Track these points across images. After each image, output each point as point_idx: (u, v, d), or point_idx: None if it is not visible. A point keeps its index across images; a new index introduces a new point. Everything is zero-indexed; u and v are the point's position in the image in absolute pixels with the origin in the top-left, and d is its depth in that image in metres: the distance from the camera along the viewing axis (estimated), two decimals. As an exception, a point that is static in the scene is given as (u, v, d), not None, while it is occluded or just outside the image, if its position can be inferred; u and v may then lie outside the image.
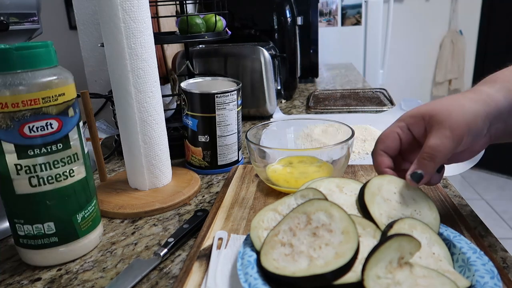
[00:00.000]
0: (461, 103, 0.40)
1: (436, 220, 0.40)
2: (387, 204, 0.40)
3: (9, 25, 0.54)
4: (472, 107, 0.40)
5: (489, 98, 0.41)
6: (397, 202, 0.41)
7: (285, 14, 1.18)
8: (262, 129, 0.63)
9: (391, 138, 0.44)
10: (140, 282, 0.42)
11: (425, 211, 0.41)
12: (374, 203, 0.40)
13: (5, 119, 0.39)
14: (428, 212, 0.40)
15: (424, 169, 0.40)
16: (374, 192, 0.41)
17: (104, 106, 1.05)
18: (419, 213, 0.40)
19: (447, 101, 0.41)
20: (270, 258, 0.35)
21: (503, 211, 2.54)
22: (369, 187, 0.41)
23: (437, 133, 0.40)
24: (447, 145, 0.39)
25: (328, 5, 2.11)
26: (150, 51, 0.56)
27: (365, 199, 0.40)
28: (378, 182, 0.42)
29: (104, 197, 0.59)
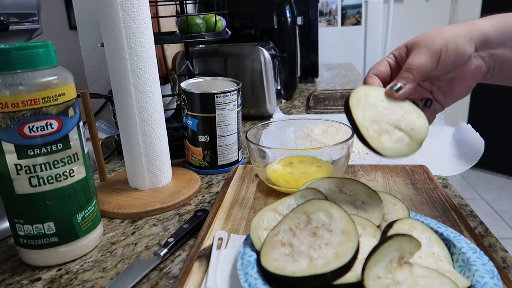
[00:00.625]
0: (442, 29, 0.42)
1: (425, 127, 0.39)
2: (372, 109, 0.40)
3: (9, 25, 0.54)
4: (452, 30, 0.42)
5: (473, 24, 0.42)
6: (384, 108, 0.41)
7: (285, 14, 1.18)
8: (262, 129, 0.63)
9: (381, 64, 0.46)
10: (140, 282, 0.42)
11: (413, 116, 0.40)
12: (359, 107, 0.39)
13: (5, 119, 0.39)
14: (415, 118, 0.40)
15: (402, 81, 0.42)
16: (360, 97, 0.40)
17: (104, 106, 1.05)
18: (407, 118, 0.40)
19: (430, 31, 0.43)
20: (270, 258, 0.35)
21: (503, 211, 2.54)
22: (355, 92, 0.40)
23: (415, 52, 0.42)
24: (424, 60, 0.41)
25: (328, 5, 2.11)
26: (150, 51, 0.56)
27: (350, 102, 0.39)
28: (365, 89, 0.41)
29: (104, 197, 0.59)
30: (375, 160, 0.71)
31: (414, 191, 0.55)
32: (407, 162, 0.67)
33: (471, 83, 0.46)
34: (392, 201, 0.43)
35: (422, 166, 0.63)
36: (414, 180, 0.59)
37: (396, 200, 0.43)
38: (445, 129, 0.82)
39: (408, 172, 0.61)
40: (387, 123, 0.39)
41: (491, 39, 0.42)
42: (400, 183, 0.58)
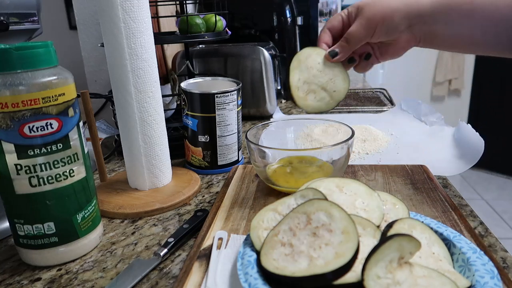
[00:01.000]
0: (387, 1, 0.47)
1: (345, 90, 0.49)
2: (308, 71, 0.48)
3: (9, 25, 0.54)
4: (394, 4, 0.47)
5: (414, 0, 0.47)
6: (318, 71, 0.49)
7: (285, 14, 1.18)
8: (262, 129, 0.63)
9: (336, 19, 0.51)
10: (140, 282, 0.42)
11: (339, 80, 0.49)
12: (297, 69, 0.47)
13: (5, 119, 0.39)
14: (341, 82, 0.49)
15: (340, 48, 0.49)
16: (301, 59, 0.48)
17: (104, 106, 1.05)
18: (334, 81, 0.49)
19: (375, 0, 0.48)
20: (270, 258, 0.35)
21: (503, 211, 2.54)
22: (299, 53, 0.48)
23: (356, 21, 0.48)
24: (360, 31, 0.48)
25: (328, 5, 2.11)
26: (150, 51, 0.56)
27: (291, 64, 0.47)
28: (309, 51, 0.49)
29: (104, 197, 0.59)
30: (375, 160, 0.71)
31: (414, 191, 0.55)
32: (407, 162, 0.67)
33: (402, 51, 0.54)
34: (392, 201, 0.43)
35: (422, 166, 0.63)
36: (414, 180, 0.59)
37: (396, 200, 0.43)
38: (445, 129, 0.82)
39: (408, 172, 0.61)
40: (317, 84, 0.48)
41: (425, 16, 0.46)
42: (400, 183, 0.58)
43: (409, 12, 0.47)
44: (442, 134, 0.80)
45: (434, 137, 0.79)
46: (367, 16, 0.48)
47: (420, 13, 0.47)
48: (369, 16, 0.48)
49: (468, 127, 0.74)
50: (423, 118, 0.91)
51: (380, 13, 0.48)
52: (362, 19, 0.48)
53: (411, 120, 0.92)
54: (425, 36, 0.49)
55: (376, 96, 1.23)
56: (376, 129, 0.84)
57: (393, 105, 1.11)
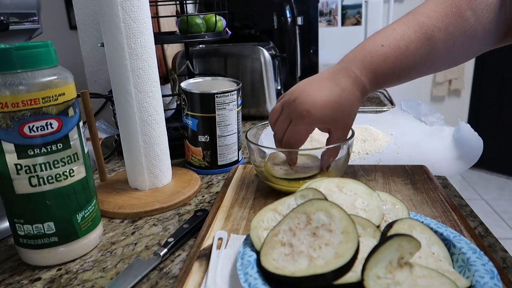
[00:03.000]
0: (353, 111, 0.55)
1: None
2: None
3: (9, 25, 0.54)
4: (357, 110, 0.55)
5: (363, 88, 0.54)
6: None
7: (285, 14, 1.18)
8: (262, 129, 0.63)
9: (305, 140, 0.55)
10: (140, 282, 0.42)
11: None
12: None
13: (5, 119, 0.39)
14: None
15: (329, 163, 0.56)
16: None
17: (104, 106, 1.05)
18: None
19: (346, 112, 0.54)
20: (270, 258, 0.35)
21: (503, 211, 2.54)
22: None
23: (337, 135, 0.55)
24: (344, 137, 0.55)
25: (328, 5, 2.11)
26: (150, 51, 0.56)
27: None
28: None
29: (104, 197, 0.59)
30: (375, 160, 0.71)
31: (414, 191, 0.55)
32: (407, 162, 0.67)
33: None
34: (392, 201, 0.43)
35: (422, 166, 0.63)
36: (414, 180, 0.59)
37: (396, 200, 0.43)
38: (445, 129, 0.82)
39: (408, 172, 0.61)
40: None
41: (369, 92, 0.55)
42: (400, 183, 0.58)
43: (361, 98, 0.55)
44: (442, 134, 0.80)
45: (434, 137, 0.79)
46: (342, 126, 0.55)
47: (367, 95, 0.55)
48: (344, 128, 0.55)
49: (468, 127, 0.74)
50: (423, 118, 0.91)
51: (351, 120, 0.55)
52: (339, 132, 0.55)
53: (411, 120, 0.92)
54: None
55: (376, 96, 1.23)
56: (376, 129, 0.84)
57: (393, 105, 1.11)
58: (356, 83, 0.53)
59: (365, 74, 0.53)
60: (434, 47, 0.52)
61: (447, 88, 3.21)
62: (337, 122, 0.54)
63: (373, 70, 0.53)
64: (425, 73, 0.57)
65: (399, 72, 0.54)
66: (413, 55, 0.52)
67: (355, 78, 0.53)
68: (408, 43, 0.52)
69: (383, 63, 0.53)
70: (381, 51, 0.53)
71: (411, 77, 0.56)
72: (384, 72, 0.53)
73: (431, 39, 0.51)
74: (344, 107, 0.53)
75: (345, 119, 0.54)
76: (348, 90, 0.53)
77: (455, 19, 0.51)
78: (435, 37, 0.51)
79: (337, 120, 0.53)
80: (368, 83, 0.54)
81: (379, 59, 0.53)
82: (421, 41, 0.52)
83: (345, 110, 0.53)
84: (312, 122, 0.53)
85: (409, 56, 0.52)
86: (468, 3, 0.51)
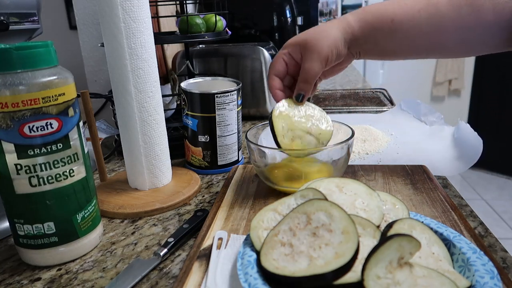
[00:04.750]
0: (327, 32, 0.52)
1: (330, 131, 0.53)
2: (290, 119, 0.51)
3: (9, 25, 0.54)
4: (334, 34, 0.52)
5: (348, 26, 0.53)
6: (299, 117, 0.52)
7: (285, 14, 1.18)
8: (262, 129, 0.63)
9: (278, 63, 0.54)
10: (140, 282, 0.42)
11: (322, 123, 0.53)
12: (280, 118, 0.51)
13: (5, 119, 0.39)
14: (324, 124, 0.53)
15: (303, 90, 0.53)
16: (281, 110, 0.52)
17: (104, 106, 1.05)
18: (316, 125, 0.53)
19: (317, 30, 0.53)
20: (270, 258, 0.35)
21: (503, 211, 2.54)
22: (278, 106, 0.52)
23: (307, 59, 0.52)
24: (315, 66, 0.52)
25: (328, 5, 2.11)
26: (150, 51, 0.56)
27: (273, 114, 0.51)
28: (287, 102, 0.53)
29: (104, 197, 0.59)
30: (375, 160, 0.71)
31: (414, 191, 0.55)
32: (407, 162, 0.67)
33: (344, 67, 0.60)
34: (392, 201, 0.43)
35: (422, 166, 0.63)
36: (414, 180, 0.59)
37: (396, 200, 0.43)
38: (445, 129, 0.82)
39: (408, 172, 0.61)
40: (301, 130, 0.51)
41: (358, 39, 0.53)
42: (400, 183, 0.58)
43: (346, 37, 0.53)
44: (442, 134, 0.80)
45: (434, 137, 0.79)
46: (316, 50, 0.52)
47: (354, 37, 0.53)
48: (318, 50, 0.52)
49: (467, 127, 0.74)
50: (423, 118, 0.91)
51: (327, 45, 0.52)
52: (313, 55, 0.52)
53: (411, 120, 0.92)
54: (360, 53, 0.56)
55: (376, 96, 1.23)
56: (376, 129, 0.84)
57: (393, 105, 1.11)
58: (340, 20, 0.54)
59: (350, 13, 0.54)
60: (437, 7, 0.51)
61: (447, 88, 3.21)
62: (306, 43, 0.53)
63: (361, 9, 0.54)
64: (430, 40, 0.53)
65: (392, 16, 0.52)
66: (410, 5, 0.52)
67: (340, 18, 0.54)
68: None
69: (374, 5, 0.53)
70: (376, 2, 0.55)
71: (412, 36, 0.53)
72: (373, 9, 0.53)
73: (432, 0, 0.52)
74: (315, 30, 0.53)
75: (315, 41, 0.52)
76: (326, 23, 0.54)
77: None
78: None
79: (306, 41, 0.53)
80: (352, 17, 0.53)
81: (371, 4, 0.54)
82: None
83: (316, 33, 0.53)
84: (284, 46, 0.55)
85: (403, 4, 0.52)
86: None
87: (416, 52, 0.56)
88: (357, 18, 0.53)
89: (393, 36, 0.53)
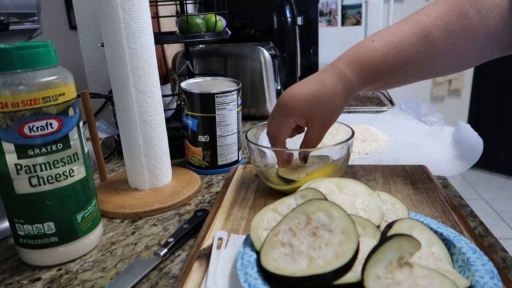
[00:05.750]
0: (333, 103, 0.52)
1: None
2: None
3: (9, 25, 0.54)
4: (339, 105, 0.53)
5: (351, 88, 0.52)
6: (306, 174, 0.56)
7: (285, 14, 1.18)
8: (262, 129, 0.63)
9: (286, 132, 0.55)
10: (140, 282, 0.42)
11: None
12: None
13: (5, 119, 0.39)
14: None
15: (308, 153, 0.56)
16: None
17: (104, 106, 1.05)
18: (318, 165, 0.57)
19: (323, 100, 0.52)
20: (270, 258, 0.35)
21: (503, 211, 2.54)
22: None
23: (316, 131, 0.54)
24: (323, 135, 0.55)
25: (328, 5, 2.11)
26: (150, 51, 0.56)
27: None
28: None
29: (104, 197, 0.59)
30: (375, 160, 0.71)
31: (414, 191, 0.55)
32: (407, 162, 0.67)
33: None
34: (392, 201, 0.43)
35: (422, 166, 0.63)
36: (414, 180, 0.59)
37: (396, 200, 0.43)
38: (445, 129, 0.82)
39: (408, 172, 0.61)
40: None
41: (357, 91, 0.53)
42: (400, 183, 0.58)
43: (348, 96, 0.53)
44: (442, 134, 0.80)
45: (434, 137, 0.79)
46: (323, 125, 0.54)
47: (354, 91, 0.53)
48: (325, 124, 0.54)
49: (467, 127, 0.74)
50: (423, 118, 0.91)
51: (334, 118, 0.54)
52: (320, 129, 0.54)
53: (411, 120, 0.92)
54: None
55: (376, 96, 1.23)
56: (376, 129, 0.84)
57: (393, 105, 1.11)
58: (340, 78, 0.52)
59: (350, 68, 0.52)
60: (432, 44, 0.50)
61: (447, 88, 3.21)
62: (313, 116, 0.53)
63: (360, 63, 0.51)
64: (426, 74, 0.54)
65: (392, 67, 0.51)
66: (407, 50, 0.51)
67: (339, 73, 0.52)
68: (401, 39, 0.51)
69: (372, 56, 0.51)
70: (370, 45, 0.52)
71: (410, 76, 0.53)
72: (374, 65, 0.51)
73: (428, 36, 0.50)
74: (321, 100, 0.52)
75: (322, 114, 0.53)
76: (329, 84, 0.52)
77: (456, 17, 0.50)
78: (433, 35, 0.50)
79: (313, 113, 0.52)
80: (354, 78, 0.52)
81: (368, 52, 0.51)
82: (416, 37, 0.50)
83: (323, 105, 0.52)
84: (288, 113, 0.53)
85: (401, 50, 0.51)
86: (471, 2, 0.50)
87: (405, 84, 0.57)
88: (359, 78, 0.52)
89: (390, 80, 0.53)
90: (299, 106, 0.53)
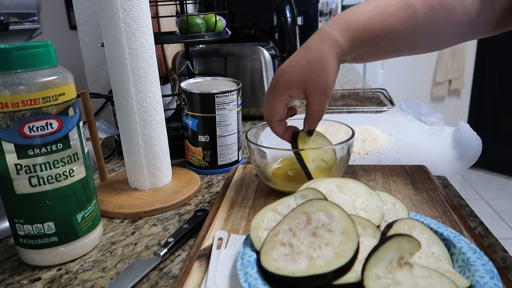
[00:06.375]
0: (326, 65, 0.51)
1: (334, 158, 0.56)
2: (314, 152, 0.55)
3: (9, 25, 0.54)
4: (333, 66, 0.51)
5: (340, 49, 0.52)
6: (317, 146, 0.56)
7: (285, 14, 1.18)
8: (262, 129, 0.63)
9: (280, 109, 0.53)
10: (140, 282, 0.42)
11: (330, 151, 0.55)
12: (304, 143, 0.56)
13: (5, 119, 0.39)
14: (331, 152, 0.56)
15: (314, 126, 0.55)
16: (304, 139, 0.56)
17: (104, 106, 1.05)
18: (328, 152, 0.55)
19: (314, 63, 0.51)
20: (270, 258, 0.35)
21: (503, 211, 2.54)
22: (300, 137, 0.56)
23: (316, 100, 0.52)
24: (325, 105, 0.53)
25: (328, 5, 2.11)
26: (150, 51, 0.56)
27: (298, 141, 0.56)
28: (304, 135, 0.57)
29: (104, 197, 0.59)
30: (375, 160, 0.71)
31: (414, 191, 0.55)
32: (407, 162, 0.67)
33: None
34: (392, 201, 0.43)
35: (422, 166, 0.63)
36: (414, 180, 0.59)
37: (396, 200, 0.43)
38: (445, 129, 0.82)
39: (408, 172, 0.61)
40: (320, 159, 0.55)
41: (348, 55, 0.54)
42: (400, 183, 0.58)
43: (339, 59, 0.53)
44: (442, 134, 0.80)
45: (434, 137, 0.79)
46: (322, 91, 0.52)
47: (345, 54, 0.53)
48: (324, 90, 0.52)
49: (467, 127, 0.74)
50: (423, 118, 0.91)
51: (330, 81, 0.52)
52: (320, 96, 0.52)
53: (411, 120, 0.92)
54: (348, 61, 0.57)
55: (376, 96, 1.23)
56: (376, 129, 0.84)
57: (393, 105, 1.11)
58: (326, 38, 0.51)
59: (336, 29, 0.52)
60: (414, 15, 0.52)
61: (447, 88, 3.21)
62: (307, 82, 0.51)
63: (345, 23, 0.52)
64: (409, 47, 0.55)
65: (378, 31, 0.52)
66: (392, 16, 0.52)
67: (324, 35, 0.52)
68: (386, 5, 0.52)
69: (357, 19, 0.52)
70: (355, 10, 0.53)
71: (394, 45, 0.54)
72: (359, 27, 0.52)
73: (411, 6, 0.52)
74: (311, 63, 0.51)
75: (316, 78, 0.51)
76: (316, 47, 0.51)
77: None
78: (415, 5, 0.52)
79: (307, 80, 0.51)
80: (340, 37, 0.51)
81: (353, 15, 0.52)
82: (400, 5, 0.52)
83: (314, 67, 0.51)
84: (281, 89, 0.52)
85: (386, 16, 0.52)
86: None
87: (387, 55, 0.58)
88: (346, 38, 0.52)
89: (375, 47, 0.54)
90: (291, 78, 0.52)
